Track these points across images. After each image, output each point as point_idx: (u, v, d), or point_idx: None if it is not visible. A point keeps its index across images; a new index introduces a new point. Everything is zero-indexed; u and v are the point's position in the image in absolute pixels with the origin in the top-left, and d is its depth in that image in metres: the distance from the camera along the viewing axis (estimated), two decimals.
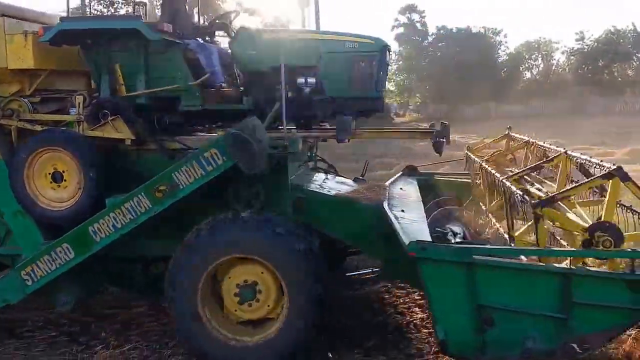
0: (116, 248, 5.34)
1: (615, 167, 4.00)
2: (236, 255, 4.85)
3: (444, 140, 5.53)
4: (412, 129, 6.40)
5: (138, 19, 5.48)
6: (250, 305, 4.95)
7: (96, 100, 5.49)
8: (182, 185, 4.97)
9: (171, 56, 5.60)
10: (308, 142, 6.36)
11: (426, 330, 5.52)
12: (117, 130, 5.38)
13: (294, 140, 5.08)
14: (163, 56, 5.60)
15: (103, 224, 5.11)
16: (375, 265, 6.58)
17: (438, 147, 5.65)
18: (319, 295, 4.72)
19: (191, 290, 4.86)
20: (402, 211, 5.23)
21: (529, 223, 4.28)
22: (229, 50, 6.09)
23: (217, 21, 6.48)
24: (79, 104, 5.48)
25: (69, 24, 5.42)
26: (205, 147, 4.95)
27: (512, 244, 4.45)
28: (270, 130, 5.32)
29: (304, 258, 4.75)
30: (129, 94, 5.60)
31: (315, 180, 6.10)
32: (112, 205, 5.11)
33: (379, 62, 5.72)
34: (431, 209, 6.86)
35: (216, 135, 5.45)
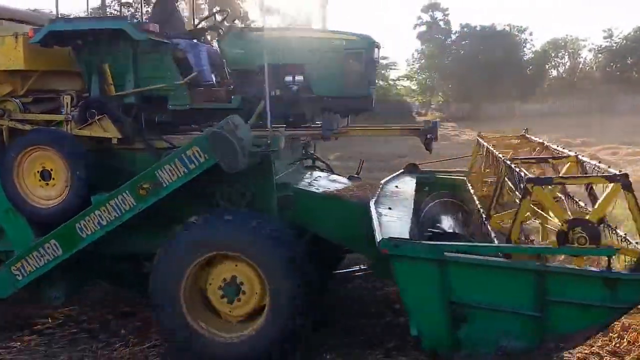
0: (107, 245, 5.39)
1: (621, 173, 3.86)
2: (216, 252, 4.81)
3: (432, 137, 5.43)
4: (401, 127, 6.29)
5: (124, 20, 5.50)
6: (240, 301, 4.89)
7: (84, 100, 5.54)
8: (165, 183, 4.97)
9: (159, 56, 5.63)
10: (301, 141, 6.33)
11: None
12: (104, 129, 5.43)
13: (276, 138, 5.04)
14: (151, 56, 5.64)
15: (89, 221, 5.15)
16: (364, 263, 6.50)
17: (427, 145, 5.55)
18: (300, 296, 4.64)
19: (174, 289, 4.84)
20: (389, 209, 5.16)
21: (510, 211, 4.19)
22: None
23: (205, 21, 6.49)
24: (67, 103, 5.55)
25: (57, 26, 5.47)
26: (187, 146, 4.95)
27: (488, 222, 4.36)
28: (256, 129, 5.30)
29: (285, 256, 4.68)
30: (117, 94, 5.64)
31: (306, 178, 6.06)
32: (98, 203, 5.14)
33: (367, 60, 5.62)
34: (430, 207, 6.80)
35: (199, 134, 5.45)
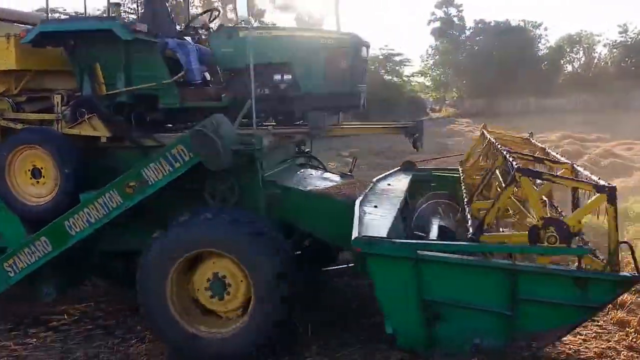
0: (99, 242, 5.48)
1: (610, 186, 3.79)
2: (201, 249, 4.84)
3: (417, 136, 5.40)
4: (386, 125, 6.26)
5: (112, 20, 5.55)
6: (229, 294, 4.91)
7: (74, 99, 5.60)
8: (151, 182, 5.03)
9: (149, 55, 5.67)
10: (293, 139, 6.33)
11: None
12: (94, 128, 5.49)
13: (259, 137, 5.06)
14: (141, 55, 5.67)
15: (78, 218, 5.23)
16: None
17: (414, 143, 5.53)
18: (284, 292, 4.65)
19: (160, 285, 4.87)
20: (375, 207, 5.15)
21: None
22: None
23: (195, 21, 6.53)
24: (58, 102, 5.61)
25: (47, 26, 5.54)
26: (172, 144, 5.00)
27: (468, 207, 4.34)
28: (243, 127, 5.32)
29: (266, 251, 4.69)
30: (109, 93, 5.70)
31: (297, 176, 6.06)
32: (86, 201, 5.22)
33: (353, 58, 5.61)
34: (425, 204, 6.77)
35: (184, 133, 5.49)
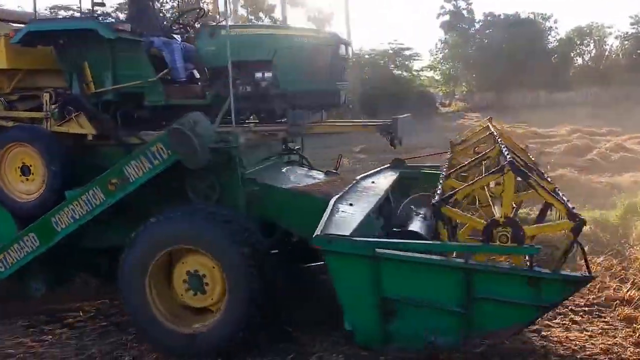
0: (88, 238, 5.65)
1: (581, 218, 3.84)
2: (178, 246, 4.98)
3: (393, 134, 5.48)
4: (363, 122, 6.35)
5: (95, 19, 5.69)
6: (196, 294, 5.05)
7: (62, 97, 5.76)
8: (132, 179, 5.18)
9: (134, 54, 5.80)
10: (275, 137, 6.43)
11: None
12: (81, 125, 5.65)
13: (236, 134, 5.18)
14: (127, 54, 5.81)
15: (63, 215, 5.41)
16: None
17: (392, 141, 5.61)
18: (258, 291, 4.76)
19: (139, 281, 5.02)
20: (351, 204, 5.24)
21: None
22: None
23: (178, 18, 6.65)
24: (46, 101, 5.78)
25: (34, 26, 5.71)
26: (152, 142, 5.15)
27: (442, 182, 4.43)
28: (223, 125, 5.45)
29: (243, 250, 4.79)
30: (96, 91, 5.85)
31: (279, 174, 6.17)
32: (71, 198, 5.39)
33: (333, 56, 5.72)
34: (413, 201, 6.84)
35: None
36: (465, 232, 4.29)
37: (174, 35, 6.59)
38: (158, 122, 6.34)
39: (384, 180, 6.61)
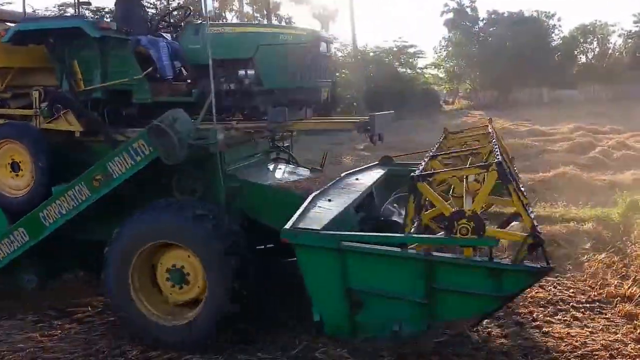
0: (78, 232, 5.79)
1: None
2: (158, 241, 5.12)
3: (370, 130, 5.57)
4: (341, 120, 6.44)
5: (81, 18, 5.84)
6: (182, 288, 5.21)
7: (50, 95, 5.91)
8: (116, 175, 5.32)
9: (121, 52, 5.94)
10: (261, 134, 6.54)
11: None
12: (69, 123, 5.79)
13: (214, 131, 5.30)
14: (114, 52, 5.95)
15: (50, 210, 5.56)
16: None
17: (371, 138, 5.71)
18: (234, 283, 4.88)
19: (123, 275, 5.18)
20: (329, 200, 5.35)
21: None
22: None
23: (165, 17, 6.78)
24: (35, 98, 5.92)
25: (23, 25, 5.85)
26: (134, 139, 5.28)
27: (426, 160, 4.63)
28: (205, 122, 5.57)
29: (216, 240, 4.92)
30: (86, 89, 6.00)
31: (262, 170, 6.29)
32: (58, 193, 5.54)
33: (313, 54, 5.83)
34: (397, 198, 6.94)
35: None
36: (429, 215, 4.39)
37: (164, 34, 6.74)
38: (146, 120, 6.50)
39: (369, 177, 6.69)
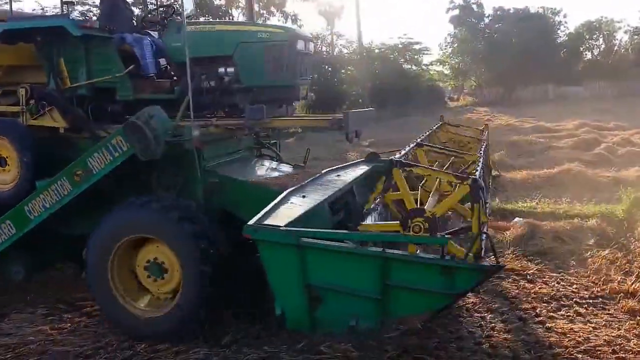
0: (65, 226, 5.98)
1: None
2: (135, 235, 5.27)
3: (344, 127, 5.67)
4: (316, 117, 6.55)
5: (64, 18, 5.99)
6: (163, 279, 5.33)
7: (36, 92, 6.07)
8: (95, 170, 5.49)
9: (104, 50, 6.10)
10: (243, 131, 6.67)
11: (478, 315, 5.52)
12: (54, 119, 5.96)
13: (188, 128, 5.44)
14: (98, 50, 6.11)
15: (35, 204, 5.74)
16: None
17: (346, 136, 5.82)
18: (207, 273, 5.01)
19: (102, 267, 5.35)
20: (304, 197, 5.47)
21: None
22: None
23: (150, 15, 6.92)
24: (22, 95, 6.09)
25: (9, 25, 6.01)
26: (112, 135, 5.44)
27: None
28: (185, 120, 5.71)
29: (191, 234, 5.05)
30: (71, 86, 6.16)
31: (242, 167, 6.42)
32: (41, 188, 5.71)
33: (290, 51, 5.93)
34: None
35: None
36: (391, 197, 4.49)
37: (150, 32, 6.88)
38: (130, 116, 6.66)
39: (351, 174, 6.76)
